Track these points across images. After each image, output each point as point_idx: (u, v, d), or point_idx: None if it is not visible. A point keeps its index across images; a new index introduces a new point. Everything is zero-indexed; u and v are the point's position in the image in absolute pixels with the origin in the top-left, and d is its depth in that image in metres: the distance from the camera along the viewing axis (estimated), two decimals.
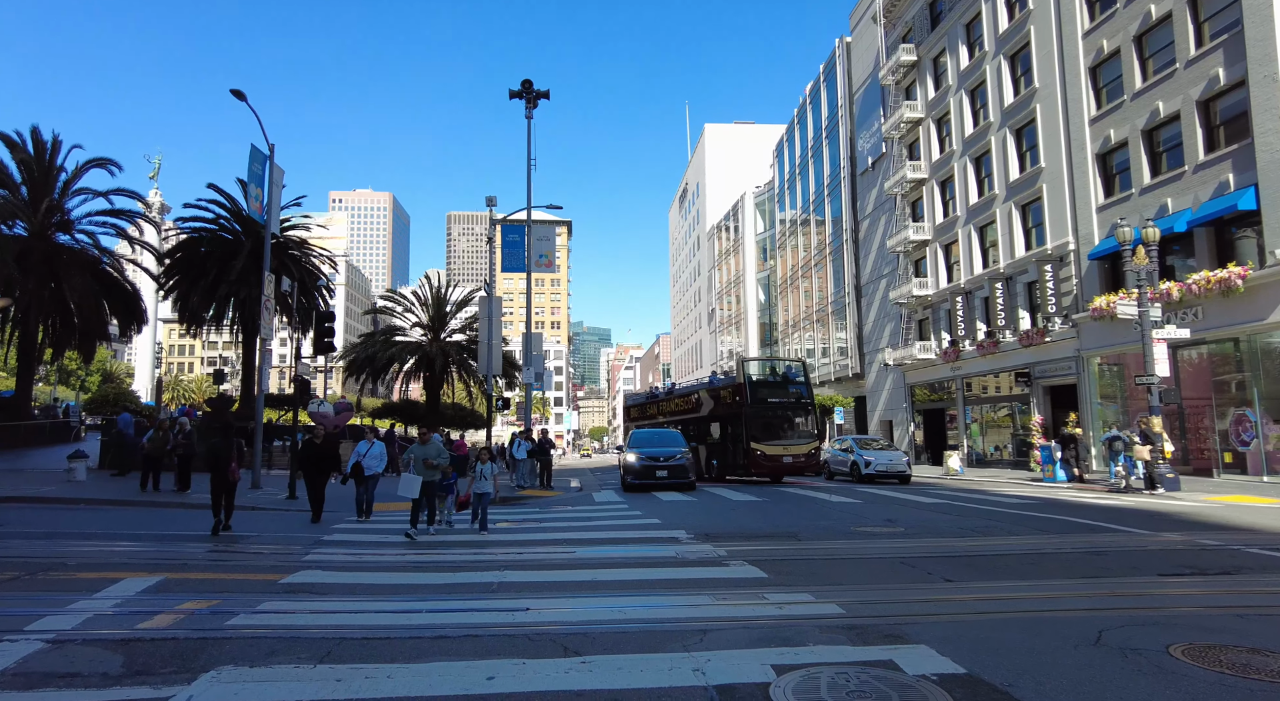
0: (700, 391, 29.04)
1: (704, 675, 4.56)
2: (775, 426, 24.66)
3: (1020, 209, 29.59)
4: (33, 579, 7.75)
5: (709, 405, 27.47)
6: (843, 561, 8.96)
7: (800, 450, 24.07)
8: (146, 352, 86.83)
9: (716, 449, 26.54)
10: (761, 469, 23.52)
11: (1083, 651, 5.00)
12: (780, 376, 26.51)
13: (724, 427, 26.18)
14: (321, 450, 13.47)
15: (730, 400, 25.69)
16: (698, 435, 27.50)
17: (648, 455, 21.14)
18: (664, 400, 32.42)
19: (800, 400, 25.58)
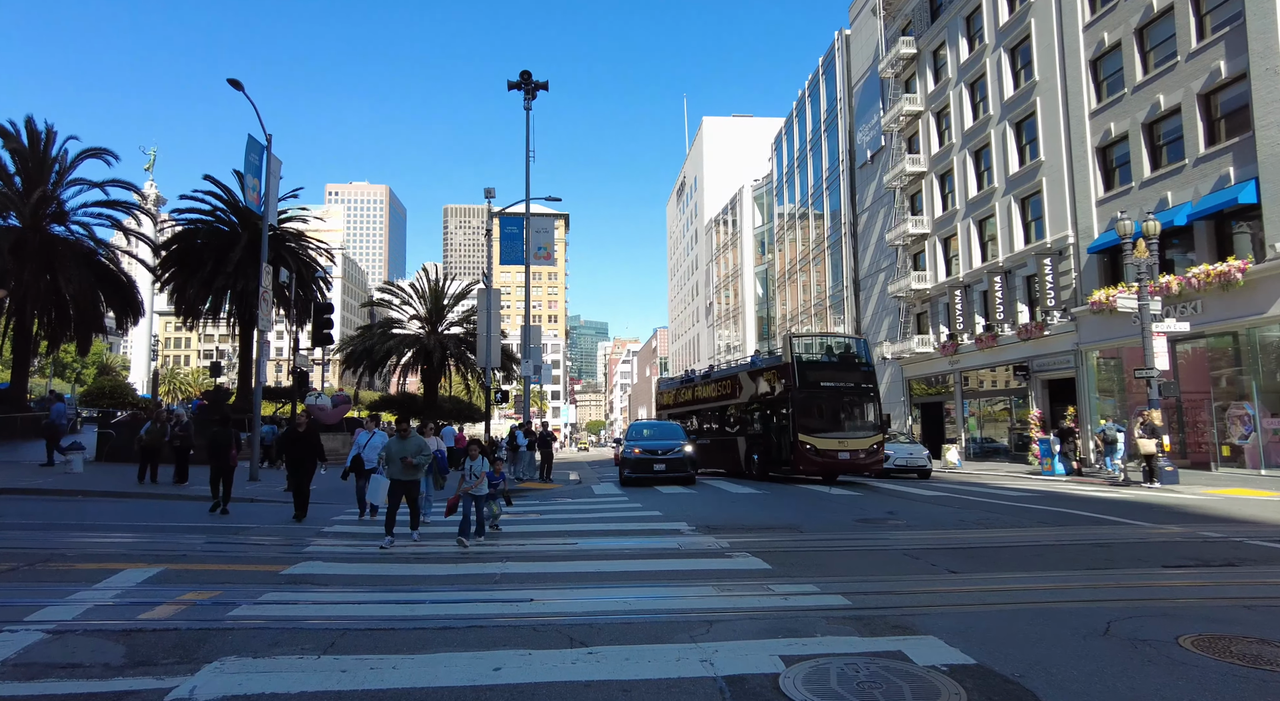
0: (740, 374, 24.64)
1: (712, 666, 4.53)
2: (829, 415, 20.63)
3: (1020, 202, 29.54)
4: (32, 569, 7.69)
5: (750, 390, 23.39)
6: (845, 553, 8.95)
7: (859, 444, 19.97)
8: (143, 345, 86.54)
9: (758, 441, 22.48)
10: (811, 466, 19.79)
11: (1092, 642, 4.98)
12: (836, 356, 21.89)
13: (767, 416, 22.15)
14: (304, 439, 12.00)
15: (775, 384, 21.66)
16: (737, 424, 24.25)
17: (645, 448, 20.77)
18: (700, 384, 28.42)
19: (861, 385, 21.15)
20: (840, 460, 19.84)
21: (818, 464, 19.77)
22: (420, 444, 9.98)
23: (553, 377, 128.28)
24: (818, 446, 19.69)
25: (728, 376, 25.89)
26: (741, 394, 24.00)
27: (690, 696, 4.05)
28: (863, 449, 19.98)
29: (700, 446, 24.25)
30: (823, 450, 19.69)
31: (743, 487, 19.03)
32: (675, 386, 31.92)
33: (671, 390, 32.11)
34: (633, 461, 20.62)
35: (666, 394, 32.45)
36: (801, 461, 19.85)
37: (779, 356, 22.68)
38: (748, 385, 23.65)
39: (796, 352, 21.20)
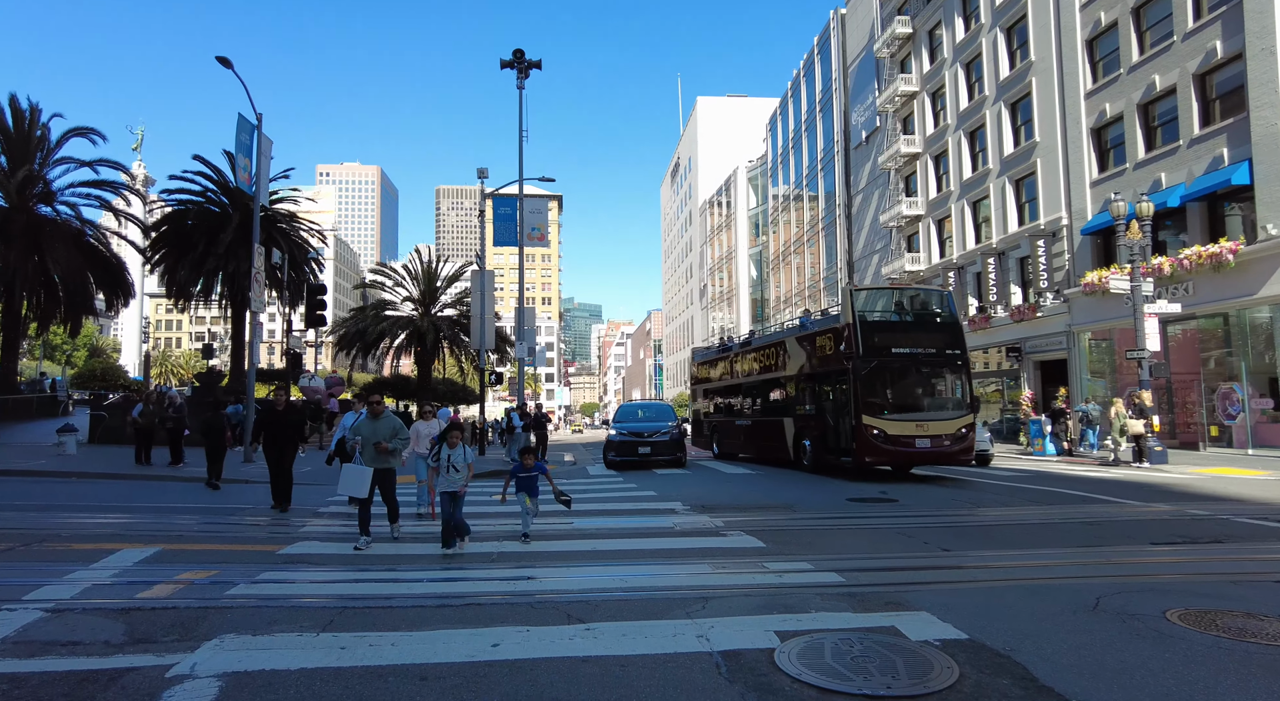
0: (786, 340, 19.46)
1: (708, 641, 4.58)
2: (902, 391, 16.07)
3: (1014, 184, 29.51)
4: (28, 550, 7.70)
5: (798, 359, 18.43)
6: (839, 531, 9.03)
7: (942, 428, 15.30)
8: (133, 327, 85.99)
9: (810, 424, 17.53)
10: (879, 455, 15.19)
11: (1081, 617, 5.06)
12: (911, 313, 17.05)
13: (821, 392, 17.32)
14: (283, 419, 10.93)
15: (830, 351, 16.67)
16: (783, 403, 19.34)
17: (630, 430, 20.11)
18: (739, 355, 23.04)
19: (944, 350, 16.16)
20: (917, 449, 15.09)
21: (887, 453, 15.10)
22: (395, 426, 8.33)
23: (547, 360, 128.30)
24: (888, 431, 14.94)
25: (770, 344, 20.49)
26: (788, 365, 18.94)
27: (687, 671, 4.10)
28: (947, 434, 15.17)
29: (738, 430, 22.20)
30: (894, 436, 14.96)
31: (737, 468, 19.14)
32: (712, 358, 26.12)
33: (707, 362, 26.44)
34: (617, 443, 19.90)
35: (702, 368, 26.91)
36: (866, 450, 15.06)
37: (835, 316, 17.31)
38: (796, 354, 18.62)
39: (859, 309, 15.97)
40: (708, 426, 25.30)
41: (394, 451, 8.25)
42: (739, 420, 22.24)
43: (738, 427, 22.07)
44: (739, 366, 22.70)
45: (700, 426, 26.37)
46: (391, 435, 8.25)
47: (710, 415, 25.33)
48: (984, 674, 4.02)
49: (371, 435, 8.20)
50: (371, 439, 8.18)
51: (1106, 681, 3.90)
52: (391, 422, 8.36)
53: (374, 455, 8.15)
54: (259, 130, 18.97)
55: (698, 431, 26.64)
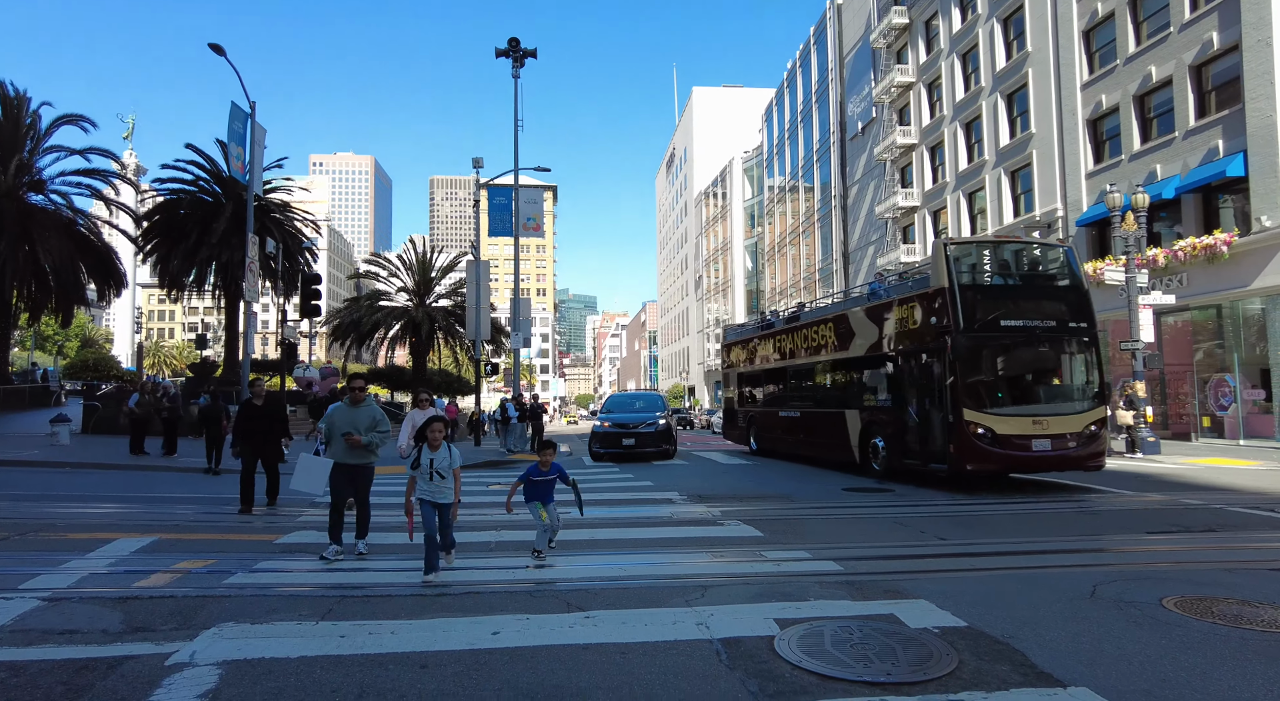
0: (852, 312, 15.51)
1: (708, 628, 4.59)
2: (1015, 377, 12.68)
3: (1009, 175, 29.53)
4: (23, 539, 7.66)
5: (868, 335, 14.54)
6: (836, 521, 9.07)
7: (1066, 425, 11.72)
8: (126, 318, 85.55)
9: (883, 418, 13.84)
10: (984, 460, 11.47)
11: (1079, 605, 5.09)
12: (1024, 275, 13.32)
13: (900, 378, 13.45)
14: (264, 413, 9.80)
15: (916, 325, 12.93)
16: (845, 391, 15.57)
17: (615, 422, 19.47)
18: (784, 333, 18.77)
19: (1067, 322, 12.41)
20: (1035, 453, 11.49)
21: (996, 458, 11.44)
22: (375, 416, 7.13)
23: (541, 351, 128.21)
24: (996, 429, 11.41)
25: (828, 318, 16.60)
26: (853, 343, 15.10)
27: (687, 658, 4.11)
28: (1072, 433, 11.66)
29: (784, 424, 18.34)
30: (1005, 436, 11.40)
31: (732, 458, 19.18)
32: (748, 336, 21.79)
33: (742, 343, 22.10)
34: (601, 435, 19.24)
35: (735, 349, 22.56)
36: (969, 454, 11.41)
37: (923, 278, 13.70)
38: (864, 329, 14.70)
39: (958, 267, 12.26)
40: (743, 417, 21.33)
41: (370, 446, 7.02)
42: (784, 411, 18.42)
43: (783, 420, 18.37)
44: (785, 346, 18.62)
45: (734, 416, 22.30)
46: (370, 427, 7.01)
47: (747, 404, 21.27)
48: (983, 660, 4.04)
49: (346, 425, 6.94)
50: (346, 426, 6.93)
51: (1105, 667, 3.92)
52: (372, 412, 7.13)
53: (347, 449, 6.93)
54: (252, 118, 18.81)
55: (730, 423, 22.76)
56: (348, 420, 6.99)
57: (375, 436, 7.04)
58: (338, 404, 7.23)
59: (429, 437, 6.07)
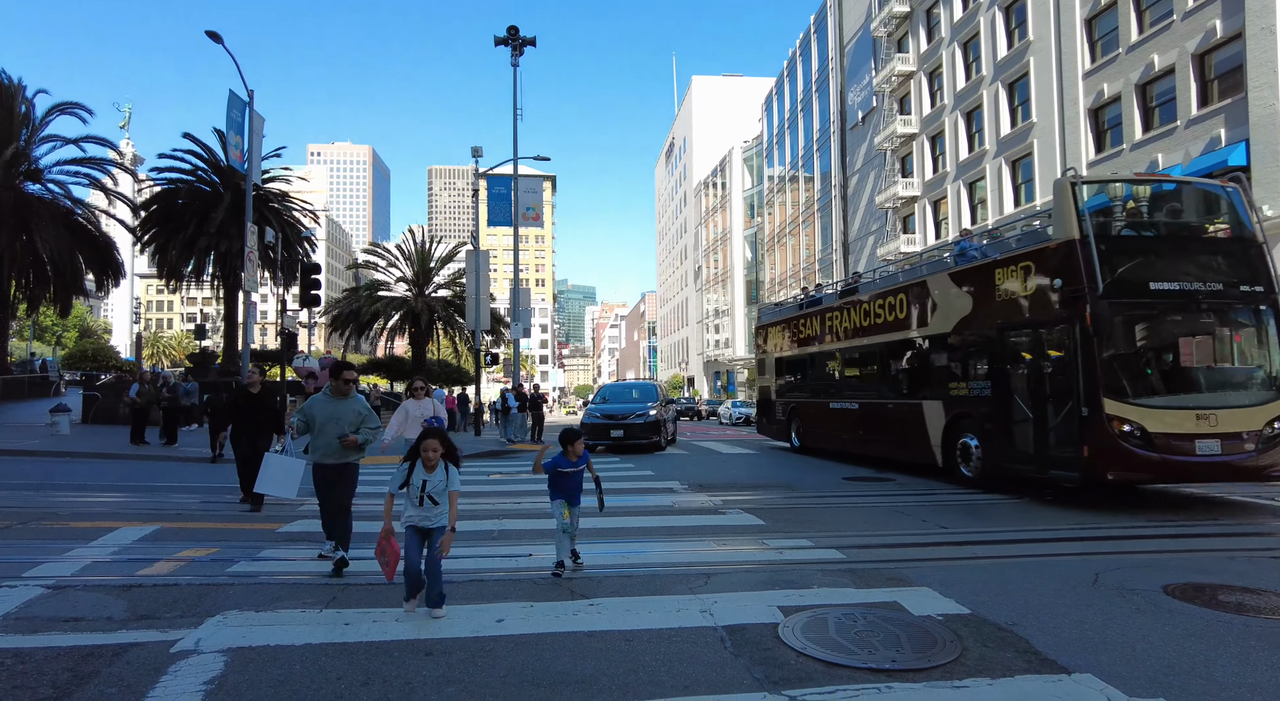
0: (933, 279, 12.50)
1: (712, 616, 4.60)
2: (1169, 358, 9.62)
3: (1010, 165, 29.45)
4: (25, 528, 7.66)
5: (958, 308, 11.65)
6: (838, 509, 9.08)
7: (1240, 422, 8.80)
8: (124, 308, 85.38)
9: (981, 411, 10.94)
10: (1132, 467, 8.65)
11: (1081, 592, 5.10)
12: (1176, 224, 10.63)
13: (1004, 361, 10.56)
14: (258, 404, 9.24)
15: (1030, 291, 10.11)
16: (923, 378, 12.60)
17: (604, 413, 18.84)
18: (838, 309, 15.80)
19: (1236, 286, 9.44)
20: (1200, 458, 8.62)
21: (1148, 464, 8.61)
22: (362, 410, 6.17)
23: (540, 342, 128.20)
24: (1149, 426, 8.61)
25: (898, 289, 13.57)
26: (933, 317, 12.18)
27: (692, 645, 4.12)
28: (1249, 431, 8.76)
29: (837, 417, 15.51)
30: (1160, 434, 8.60)
31: (733, 448, 19.20)
32: (790, 316, 18.67)
33: (782, 324, 18.94)
34: (588, 427, 18.35)
35: (773, 331, 19.43)
36: (1110, 457, 8.63)
37: (1033, 232, 11.15)
38: (951, 299, 11.71)
39: (1091, 211, 9.61)
40: (783, 408, 18.49)
41: (361, 443, 6.04)
42: (837, 401, 15.61)
43: (834, 413, 15.54)
44: (838, 324, 15.63)
45: (770, 408, 19.41)
46: (356, 420, 6.04)
47: (788, 395, 18.42)
48: (987, 647, 4.05)
49: (329, 419, 5.99)
50: (327, 424, 5.99)
51: (1109, 654, 3.93)
52: (358, 406, 6.17)
53: (334, 447, 5.97)
54: (251, 107, 18.69)
55: (767, 414, 19.75)
56: (329, 414, 6.00)
57: (367, 433, 6.08)
58: (317, 395, 6.23)
59: (423, 456, 4.75)
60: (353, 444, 5.97)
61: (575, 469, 5.81)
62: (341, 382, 6.20)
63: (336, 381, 6.18)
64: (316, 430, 6.01)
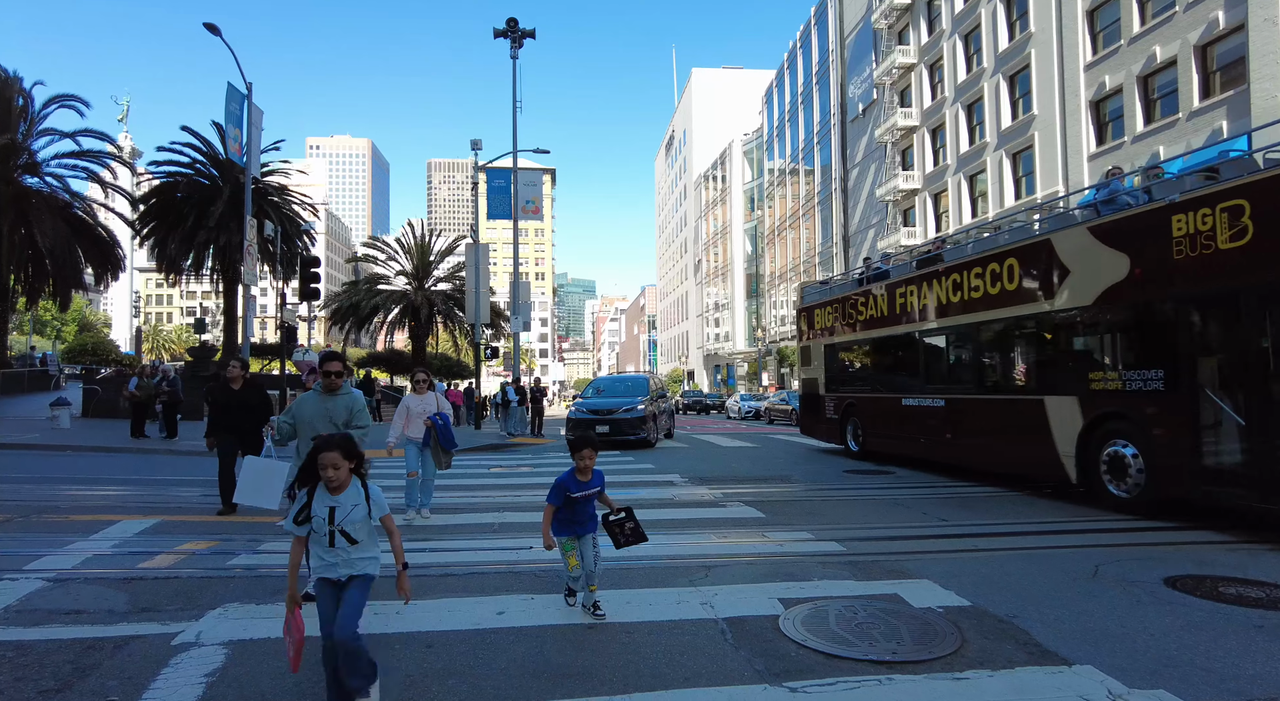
0: (1064, 236, 9.57)
1: (712, 608, 4.61)
2: None
3: (1011, 157, 29.37)
4: (26, 521, 7.66)
5: (1104, 272, 8.73)
6: (838, 502, 9.09)
7: None
8: (124, 302, 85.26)
9: (1146, 412, 8.04)
10: None
11: (1082, 584, 5.11)
12: None
13: (1188, 346, 7.63)
14: (242, 400, 7.97)
15: (1230, 243, 7.08)
16: (1050, 367, 9.78)
17: (590, 408, 18.26)
18: (913, 283, 12.78)
19: None
20: None
21: None
22: (354, 407, 5.63)
23: (540, 336, 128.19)
24: None
25: (1007, 252, 10.48)
26: (1060, 287, 9.49)
27: (692, 637, 4.12)
28: None
29: (917, 416, 12.32)
30: None
31: (733, 441, 19.22)
32: (845, 295, 15.38)
33: (835, 304, 15.77)
34: (573, 421, 17.94)
35: (823, 312, 16.25)
36: None
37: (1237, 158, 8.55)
38: (1092, 262, 9.04)
39: None
40: (836, 405, 15.41)
41: None
42: (914, 396, 12.51)
43: (911, 412, 12.47)
44: (915, 301, 12.53)
45: (818, 405, 16.28)
46: (348, 420, 5.55)
47: (841, 387, 15.38)
48: (988, 639, 4.05)
49: (318, 417, 5.52)
50: (317, 422, 5.49)
51: (1109, 646, 3.93)
52: (350, 402, 5.64)
53: None
54: (249, 99, 18.64)
55: (814, 412, 16.61)
56: (319, 413, 5.52)
57: (354, 433, 5.39)
58: (307, 393, 5.72)
59: (322, 474, 3.21)
60: None
61: (587, 492, 4.56)
62: (330, 377, 5.51)
63: (325, 376, 5.54)
64: (304, 430, 5.46)
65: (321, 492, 3.26)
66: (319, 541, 3.28)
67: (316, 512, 3.24)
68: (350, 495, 3.28)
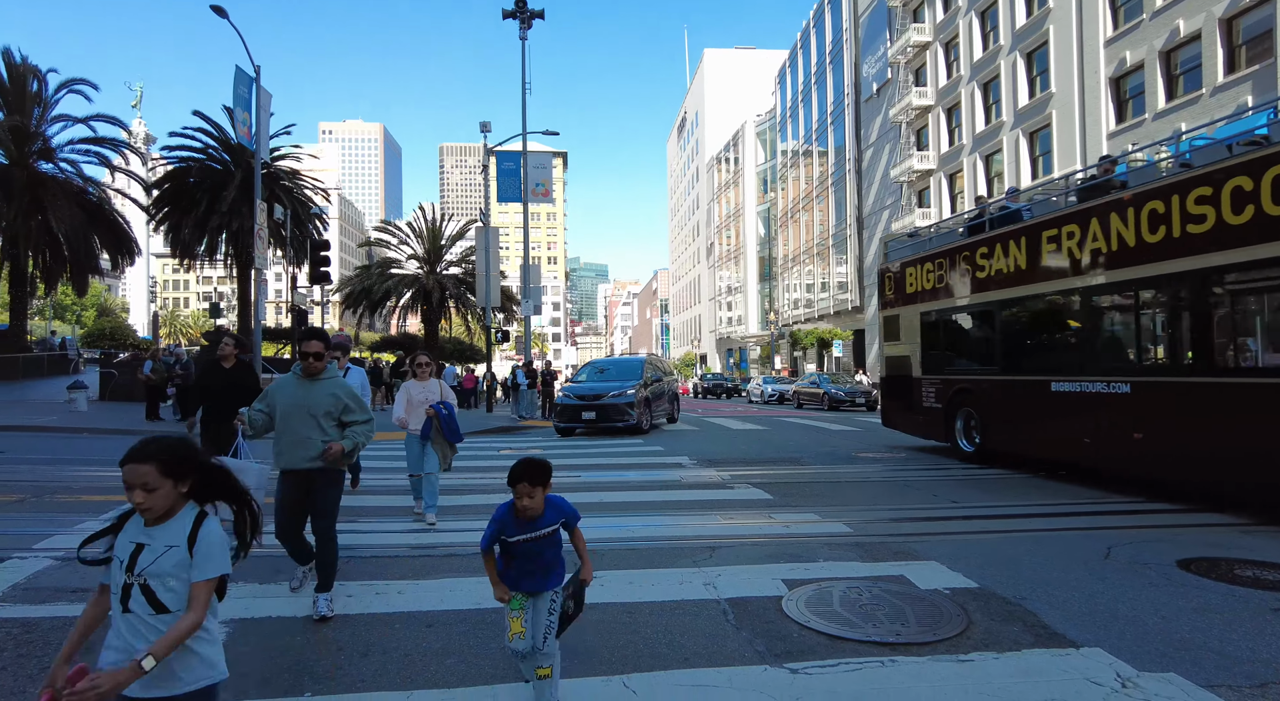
0: None
1: (715, 588, 4.56)
2: None
3: (1028, 136, 28.84)
4: (39, 501, 7.75)
5: None
6: (847, 484, 9.01)
7: None
8: (141, 287, 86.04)
9: None
10: None
11: (1093, 566, 5.02)
12: None
13: None
14: (232, 381, 6.65)
15: None
16: None
17: (577, 393, 17.23)
18: (1074, 219, 9.17)
19: None
20: None
21: None
22: (343, 395, 4.42)
23: (553, 320, 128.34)
24: None
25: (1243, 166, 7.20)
26: None
27: (693, 618, 4.08)
28: None
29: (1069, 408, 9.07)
30: None
31: (744, 424, 19.15)
32: (959, 244, 11.84)
33: (937, 259, 12.39)
34: (559, 407, 17.23)
35: (918, 271, 12.88)
36: None
37: None
38: None
39: None
40: (941, 391, 11.93)
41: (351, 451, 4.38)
42: (1073, 381, 9.10)
43: (1068, 401, 9.11)
44: (1080, 246, 9.12)
45: (911, 390, 12.71)
46: (337, 413, 4.35)
47: (949, 367, 11.95)
48: (995, 621, 3.98)
49: (294, 408, 4.31)
50: (292, 415, 4.30)
51: (1119, 628, 3.85)
52: (336, 389, 4.39)
53: (296, 446, 4.27)
54: (257, 82, 18.56)
55: (903, 401, 13.05)
56: (295, 401, 4.30)
57: (354, 434, 4.38)
58: (285, 375, 4.57)
59: (128, 496, 2.06)
60: (337, 456, 4.23)
61: (534, 535, 3.01)
62: (309, 360, 4.32)
63: (304, 359, 4.35)
64: (279, 423, 4.31)
65: (129, 528, 2.11)
66: (115, 603, 2.10)
67: (119, 554, 2.08)
68: (169, 532, 2.07)
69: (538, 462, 3.02)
